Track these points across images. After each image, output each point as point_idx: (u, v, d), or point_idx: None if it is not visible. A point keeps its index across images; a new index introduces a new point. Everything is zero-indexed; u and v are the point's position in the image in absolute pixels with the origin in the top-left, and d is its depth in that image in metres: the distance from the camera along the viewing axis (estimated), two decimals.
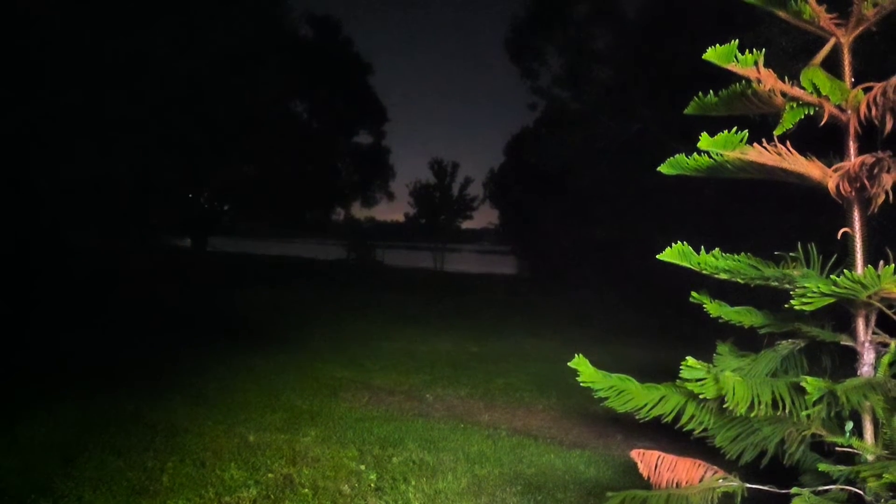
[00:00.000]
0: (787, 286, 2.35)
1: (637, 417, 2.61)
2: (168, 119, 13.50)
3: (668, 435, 2.70)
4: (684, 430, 2.58)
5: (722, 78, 2.38)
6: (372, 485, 4.90)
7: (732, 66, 2.28)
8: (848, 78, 2.42)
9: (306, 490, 4.73)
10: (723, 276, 2.49)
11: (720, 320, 2.77)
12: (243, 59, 16.57)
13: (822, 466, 2.37)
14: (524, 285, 28.49)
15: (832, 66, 2.42)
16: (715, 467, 2.58)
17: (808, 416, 2.36)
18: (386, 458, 5.48)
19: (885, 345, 2.41)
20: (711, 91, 2.46)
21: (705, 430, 2.59)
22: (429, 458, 5.51)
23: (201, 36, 13.28)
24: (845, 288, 2.06)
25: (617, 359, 9.86)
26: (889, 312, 2.31)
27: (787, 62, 5.78)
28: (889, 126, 2.28)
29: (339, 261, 34.98)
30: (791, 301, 2.17)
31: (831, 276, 2.10)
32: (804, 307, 2.14)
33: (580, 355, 2.64)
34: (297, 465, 5.21)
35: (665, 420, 2.59)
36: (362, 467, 5.24)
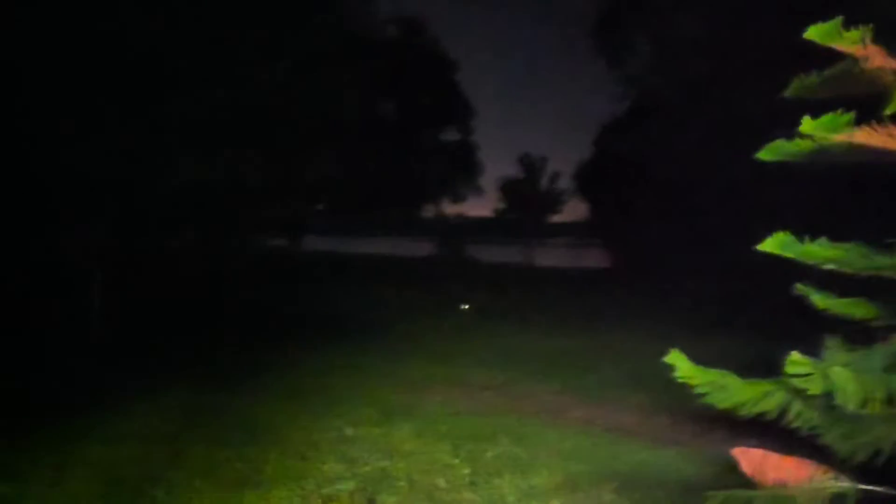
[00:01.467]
0: None
1: (738, 414, 2.51)
2: (260, 124, 13.99)
3: (771, 433, 2.58)
4: (790, 427, 2.47)
5: (823, 58, 2.26)
6: (466, 479, 4.94)
7: (836, 44, 2.16)
8: None
9: (402, 483, 4.82)
10: (829, 266, 2.37)
11: (826, 313, 2.63)
12: (332, 62, 16.95)
13: None
14: (616, 278, 27.95)
15: None
16: (824, 466, 2.45)
17: None
18: (479, 453, 5.51)
19: None
20: (814, 71, 2.33)
21: (813, 427, 2.47)
22: (522, 454, 5.50)
23: (290, 41, 13.67)
24: None
25: (715, 353, 9.46)
26: None
27: None
28: None
29: (430, 257, 35.30)
30: None
31: None
32: None
33: (676, 350, 2.57)
34: (393, 459, 5.31)
35: (769, 417, 2.48)
36: (456, 461, 5.29)
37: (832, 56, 2.23)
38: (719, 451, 5.64)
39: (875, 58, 2.13)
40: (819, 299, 2.62)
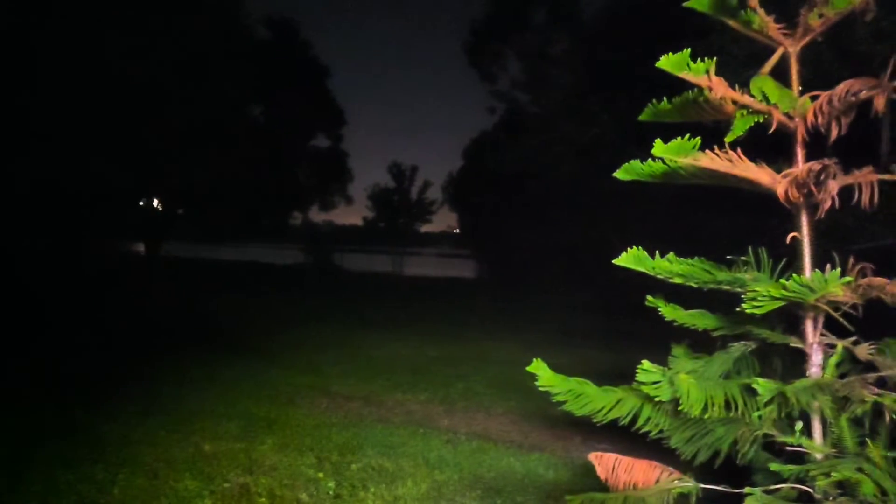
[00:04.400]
0: (739, 290, 2.39)
1: (595, 420, 2.63)
2: (123, 123, 13.23)
3: (627, 437, 2.73)
4: (641, 431, 2.61)
5: (678, 84, 2.42)
6: (331, 492, 4.85)
7: (685, 75, 2.32)
8: (795, 86, 2.48)
9: (263, 499, 4.66)
10: (677, 279, 2.53)
11: (675, 323, 2.81)
12: (200, 64, 16.31)
13: (774, 466, 2.42)
14: (484, 289, 28.59)
15: (781, 74, 2.48)
16: (671, 468, 2.61)
17: (760, 416, 2.41)
18: (345, 465, 5.43)
19: (833, 346, 2.47)
20: (666, 98, 2.49)
21: (661, 431, 2.63)
22: (388, 465, 5.48)
23: (158, 41, 13.05)
24: (794, 292, 2.11)
25: (576, 361, 9.95)
26: (835, 315, 2.37)
27: (739, 70, 5.92)
28: (835, 134, 2.35)
29: (297, 265, 34.61)
30: (742, 304, 2.21)
31: (780, 280, 2.15)
32: (755, 310, 2.18)
33: (538, 359, 2.66)
34: (254, 474, 5.13)
35: (622, 422, 2.61)
36: (320, 475, 5.18)
37: (687, 82, 2.39)
38: (579, 455, 5.91)
39: (718, 88, 2.30)
40: (667, 310, 2.80)
